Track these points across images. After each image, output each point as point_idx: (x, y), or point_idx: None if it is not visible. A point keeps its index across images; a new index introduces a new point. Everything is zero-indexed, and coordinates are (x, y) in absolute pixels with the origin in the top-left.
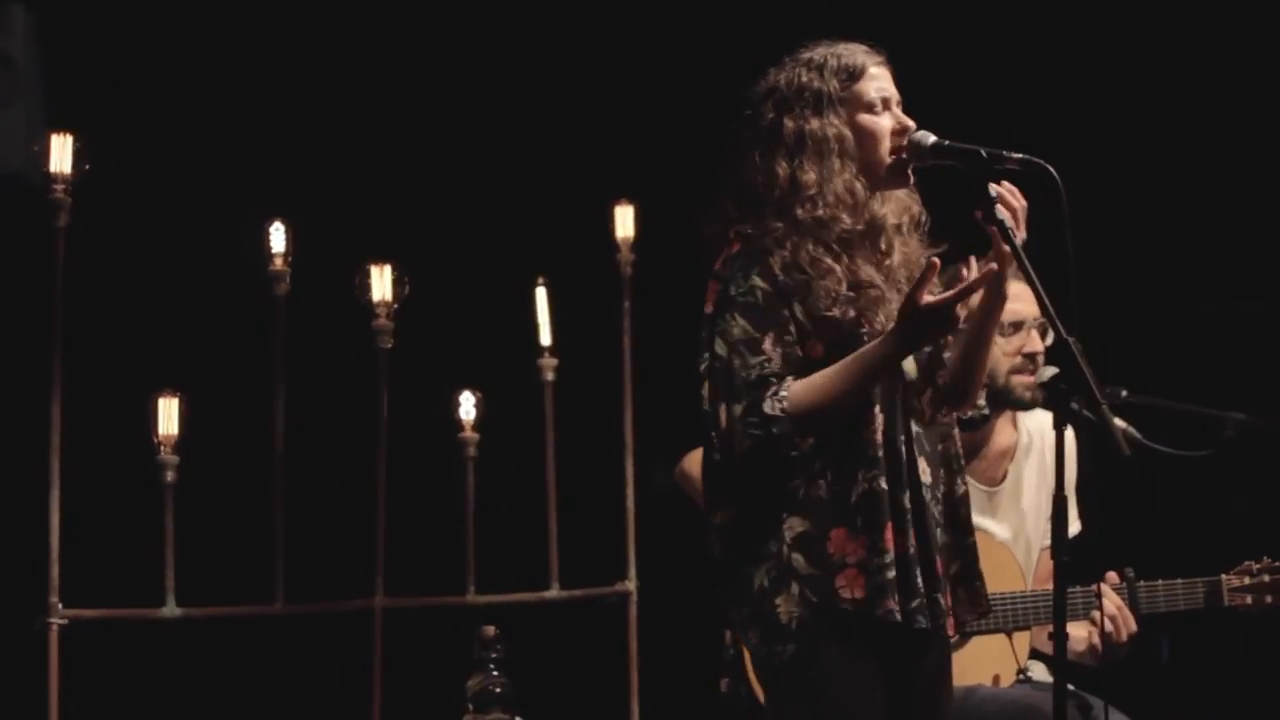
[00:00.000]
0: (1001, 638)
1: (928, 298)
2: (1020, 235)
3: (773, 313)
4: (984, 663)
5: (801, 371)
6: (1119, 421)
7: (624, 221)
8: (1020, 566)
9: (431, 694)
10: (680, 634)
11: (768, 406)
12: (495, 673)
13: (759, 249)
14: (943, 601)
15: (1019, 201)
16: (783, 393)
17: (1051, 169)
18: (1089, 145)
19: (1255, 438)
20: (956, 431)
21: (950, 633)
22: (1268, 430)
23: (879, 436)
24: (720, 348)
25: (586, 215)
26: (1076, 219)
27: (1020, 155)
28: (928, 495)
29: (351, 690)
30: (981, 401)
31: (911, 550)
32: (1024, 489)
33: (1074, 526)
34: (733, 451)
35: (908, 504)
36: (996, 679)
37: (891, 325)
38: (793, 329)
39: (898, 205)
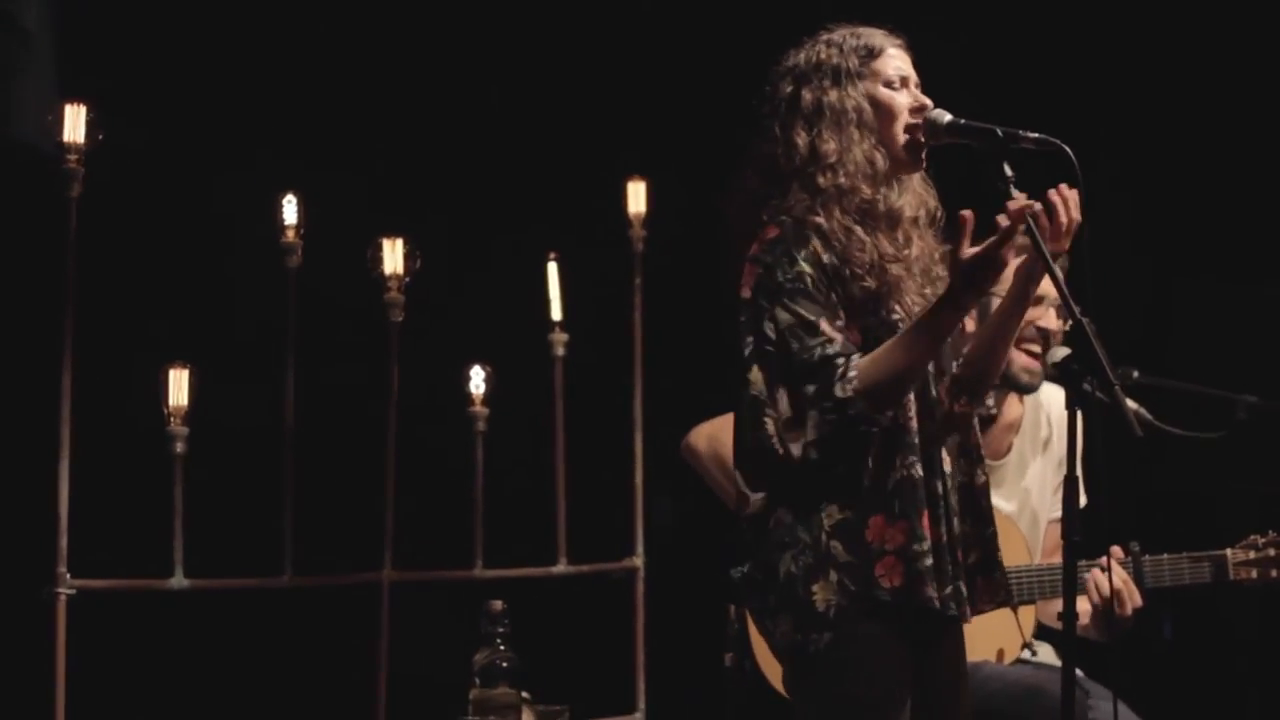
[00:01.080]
0: (1006, 612)
1: (970, 250)
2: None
3: (824, 296)
4: (988, 637)
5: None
6: (1130, 403)
7: (636, 197)
8: (1025, 540)
9: (438, 668)
10: (687, 610)
11: (839, 390)
12: (502, 647)
13: (798, 232)
14: (964, 589)
15: (1073, 215)
16: (851, 373)
17: (1068, 149)
18: (1103, 126)
19: (1267, 420)
20: (976, 421)
21: (967, 620)
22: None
23: (914, 423)
24: (770, 331)
25: (599, 191)
26: (1092, 200)
27: (1037, 135)
28: (950, 483)
29: (358, 664)
30: (990, 401)
31: (944, 538)
32: (1029, 463)
33: (1080, 501)
34: (802, 437)
35: (940, 491)
36: (1001, 654)
37: (933, 298)
38: (842, 314)
39: (915, 198)
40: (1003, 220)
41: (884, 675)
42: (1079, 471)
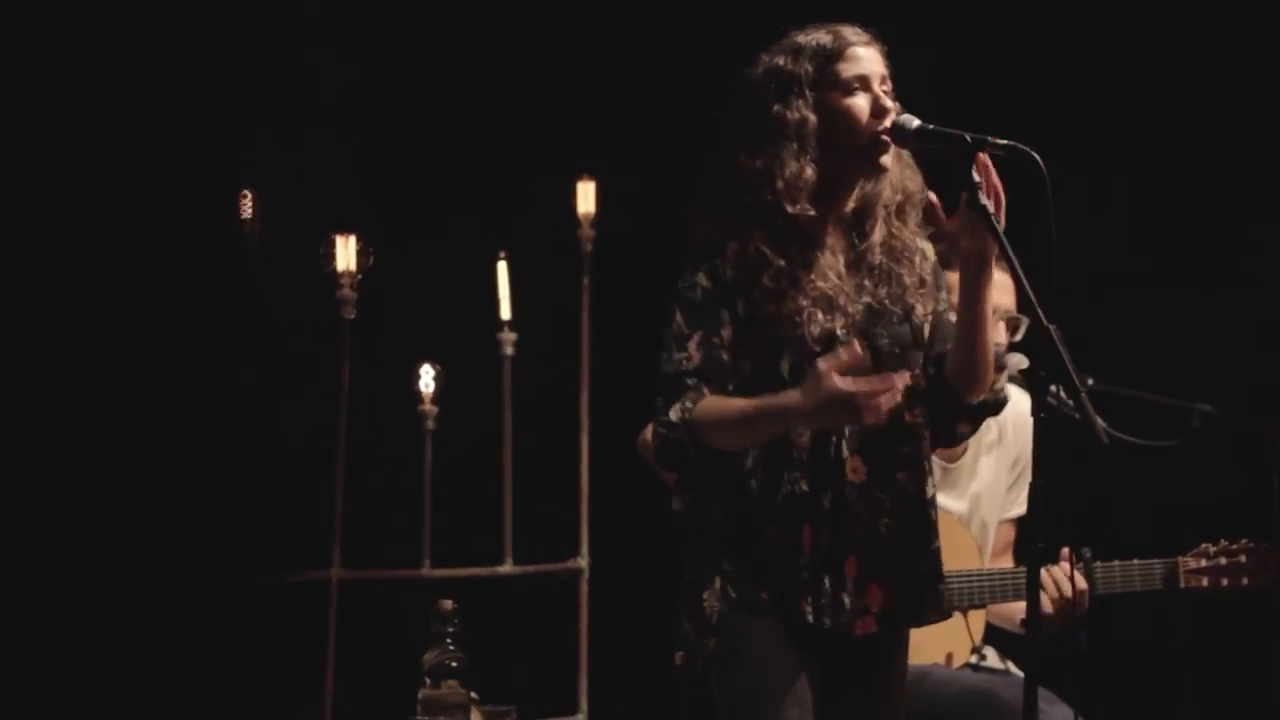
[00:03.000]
0: (956, 615)
1: (836, 379)
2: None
3: (707, 312)
4: (937, 641)
5: (728, 377)
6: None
7: (585, 197)
8: (975, 543)
9: (387, 667)
10: (635, 610)
11: (674, 413)
12: (452, 647)
13: (711, 243)
14: (847, 601)
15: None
16: (688, 404)
17: (1036, 156)
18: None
19: (1220, 429)
20: (928, 433)
21: (860, 633)
22: (1233, 422)
23: (804, 438)
24: (665, 336)
25: (548, 191)
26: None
27: (1005, 141)
28: (854, 495)
29: (306, 663)
30: (1000, 385)
31: (824, 552)
32: (980, 465)
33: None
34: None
35: (827, 505)
36: (950, 657)
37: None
38: (724, 333)
39: (891, 186)
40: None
41: (773, 667)
42: (1026, 474)
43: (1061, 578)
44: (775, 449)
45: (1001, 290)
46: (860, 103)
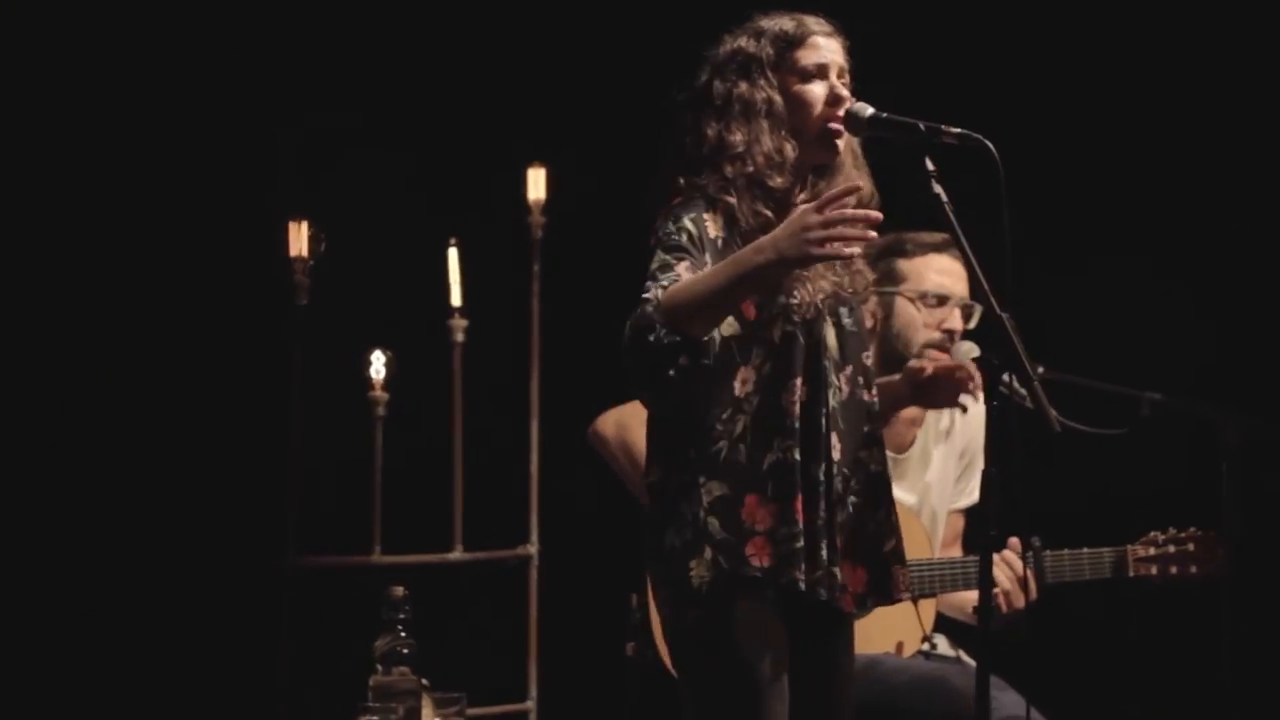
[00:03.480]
0: (906, 605)
1: (804, 206)
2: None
3: (691, 251)
4: (887, 630)
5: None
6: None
7: (536, 184)
8: (926, 533)
9: (337, 653)
10: (585, 598)
11: (647, 293)
12: (403, 633)
13: (693, 199)
14: (839, 575)
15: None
16: (663, 283)
17: (990, 145)
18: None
19: (1169, 418)
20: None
21: (848, 609)
22: (1183, 411)
23: (797, 407)
24: (645, 276)
25: (499, 177)
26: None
27: (959, 130)
28: (834, 471)
29: (257, 650)
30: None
31: (820, 522)
32: (931, 456)
33: (978, 492)
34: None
35: (821, 476)
36: (900, 646)
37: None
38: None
39: (844, 181)
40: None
41: (755, 652)
42: (976, 461)
43: (1011, 564)
44: (767, 415)
45: (955, 279)
46: (816, 90)
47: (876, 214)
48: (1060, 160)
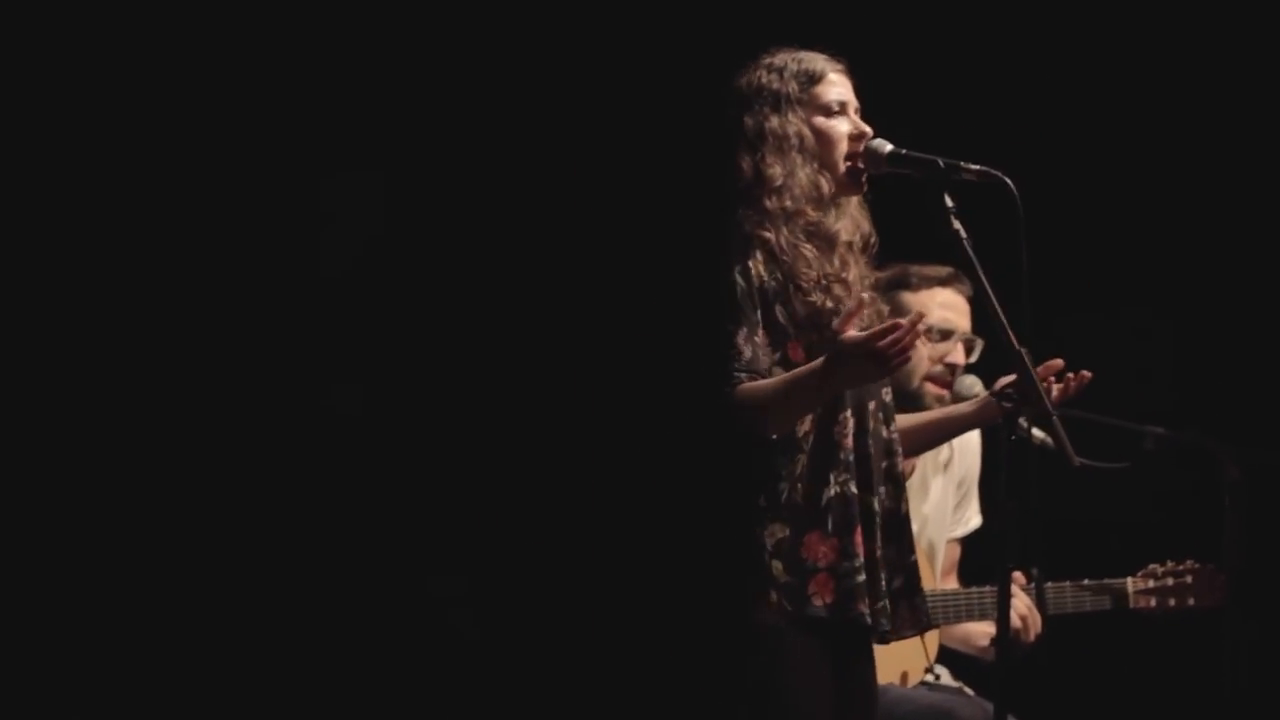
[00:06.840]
0: None
1: (852, 334)
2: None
3: (750, 310)
4: (893, 660)
5: (768, 372)
6: (1038, 432)
7: None
8: (928, 563)
9: None
10: None
11: (730, 375)
12: None
13: (742, 247)
14: (888, 607)
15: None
16: (734, 366)
17: (1009, 181)
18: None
19: (1172, 452)
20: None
21: (890, 639)
22: (1184, 445)
23: (849, 440)
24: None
25: None
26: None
27: (978, 167)
28: (880, 505)
29: None
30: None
31: (878, 554)
32: (930, 486)
33: (975, 521)
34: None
35: (876, 507)
36: (905, 676)
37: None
38: (758, 336)
39: (850, 223)
40: (900, 321)
41: (807, 697)
42: (974, 490)
43: (1018, 598)
44: (821, 451)
45: (958, 313)
46: (840, 126)
47: (919, 314)
48: (1059, 196)
